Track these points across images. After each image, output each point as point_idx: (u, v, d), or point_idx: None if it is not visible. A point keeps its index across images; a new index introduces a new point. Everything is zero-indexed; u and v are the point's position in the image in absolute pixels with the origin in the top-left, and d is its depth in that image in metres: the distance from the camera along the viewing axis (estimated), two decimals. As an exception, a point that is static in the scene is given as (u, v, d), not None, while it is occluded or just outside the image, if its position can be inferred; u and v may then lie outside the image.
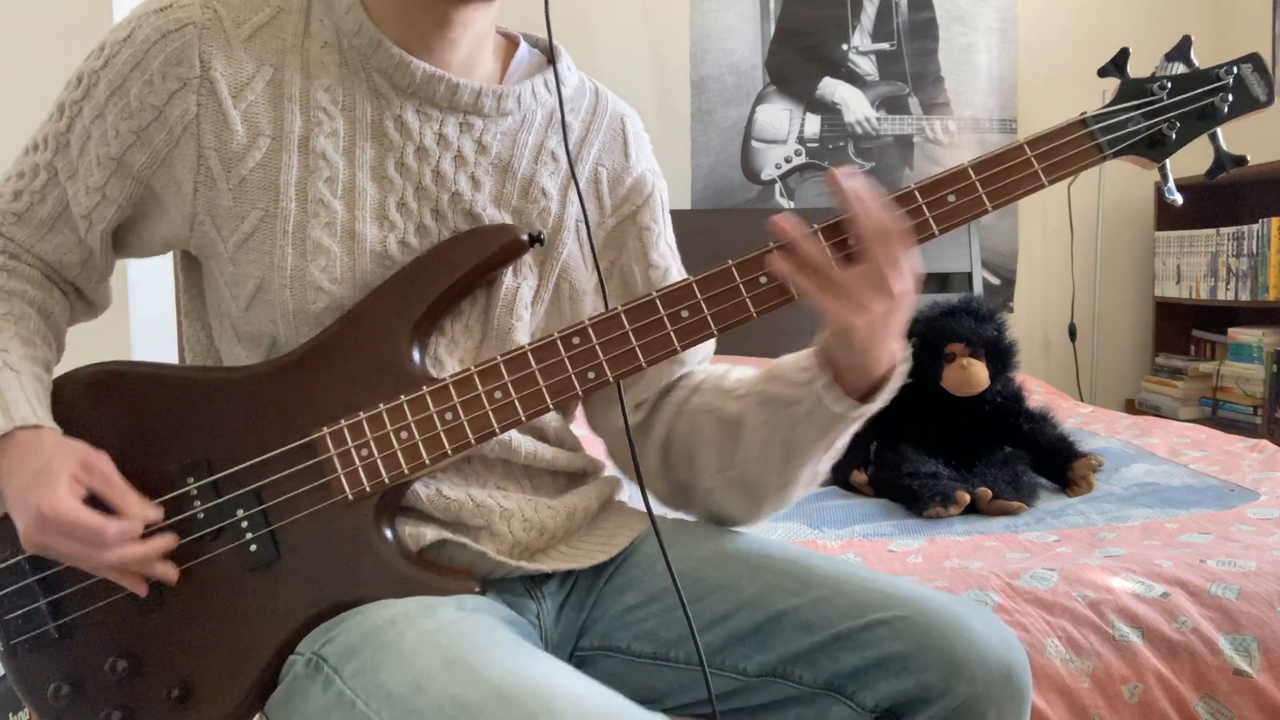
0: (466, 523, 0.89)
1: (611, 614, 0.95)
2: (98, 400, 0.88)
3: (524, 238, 0.90)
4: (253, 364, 0.89)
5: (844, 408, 0.86)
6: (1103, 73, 0.89)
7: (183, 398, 0.88)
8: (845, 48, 3.40)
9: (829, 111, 3.41)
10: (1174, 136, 0.87)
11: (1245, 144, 3.22)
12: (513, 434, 0.92)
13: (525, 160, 0.94)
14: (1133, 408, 3.49)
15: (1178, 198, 0.90)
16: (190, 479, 0.86)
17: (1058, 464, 1.89)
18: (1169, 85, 0.87)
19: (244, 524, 0.85)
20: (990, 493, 1.73)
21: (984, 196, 0.85)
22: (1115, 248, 3.52)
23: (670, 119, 3.39)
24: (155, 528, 0.84)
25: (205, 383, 0.88)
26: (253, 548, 0.85)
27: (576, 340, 0.86)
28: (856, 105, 3.41)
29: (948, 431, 1.90)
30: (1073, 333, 3.48)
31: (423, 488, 0.88)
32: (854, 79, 3.41)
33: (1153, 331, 3.50)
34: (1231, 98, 0.86)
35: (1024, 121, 3.44)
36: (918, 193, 0.85)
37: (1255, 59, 0.87)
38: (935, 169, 2.48)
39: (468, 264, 0.88)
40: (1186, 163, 0.92)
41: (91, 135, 0.88)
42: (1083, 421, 2.53)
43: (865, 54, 3.41)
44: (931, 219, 0.85)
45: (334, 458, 0.85)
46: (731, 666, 0.88)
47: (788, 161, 3.42)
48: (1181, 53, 0.88)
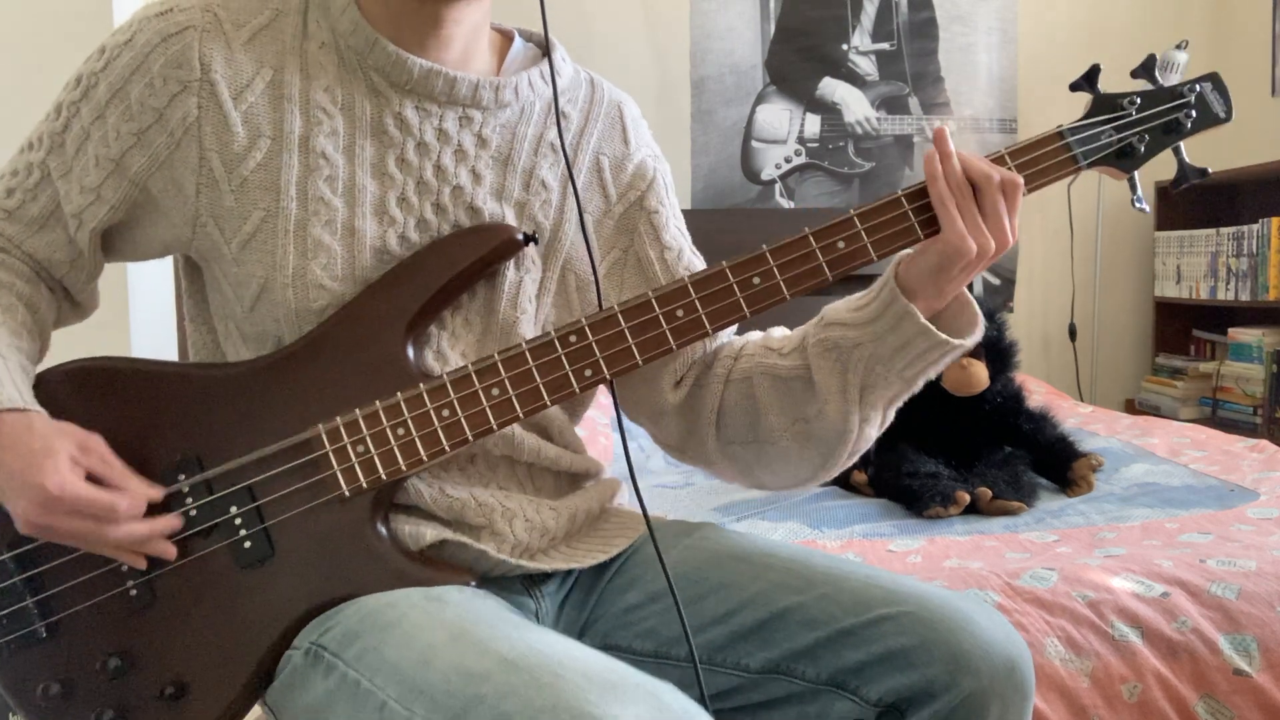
0: (469, 522, 0.89)
1: (613, 613, 0.95)
2: (84, 396, 0.87)
3: (518, 237, 0.90)
4: (245, 360, 0.89)
5: (921, 321, 0.88)
6: (1074, 87, 0.94)
7: (173, 393, 0.87)
8: (845, 48, 3.40)
9: (829, 111, 3.41)
10: (1142, 150, 0.93)
11: (1245, 144, 3.21)
12: (517, 431, 0.92)
13: (525, 153, 0.94)
14: (1133, 408, 3.49)
15: (1145, 208, 0.95)
16: (182, 476, 0.85)
17: (1058, 464, 1.89)
18: (1138, 101, 0.92)
19: (237, 521, 0.85)
20: (990, 493, 1.73)
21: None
22: (1115, 248, 3.52)
23: (670, 119, 3.39)
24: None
25: (196, 378, 0.88)
26: (247, 544, 0.85)
27: (574, 339, 0.87)
28: (856, 105, 3.41)
29: (948, 431, 1.89)
30: (1073, 333, 3.48)
31: (425, 486, 0.88)
32: (854, 79, 3.41)
33: (1153, 331, 3.50)
34: (1194, 114, 0.93)
35: (1024, 121, 3.44)
36: (905, 199, 0.88)
37: (1214, 78, 0.93)
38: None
39: (463, 262, 0.88)
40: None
41: (90, 136, 0.88)
42: (1083, 421, 2.53)
43: (865, 54, 3.41)
44: (917, 224, 0.88)
45: (330, 454, 0.85)
46: (734, 664, 0.88)
47: (788, 161, 3.42)
48: (1147, 70, 0.94)
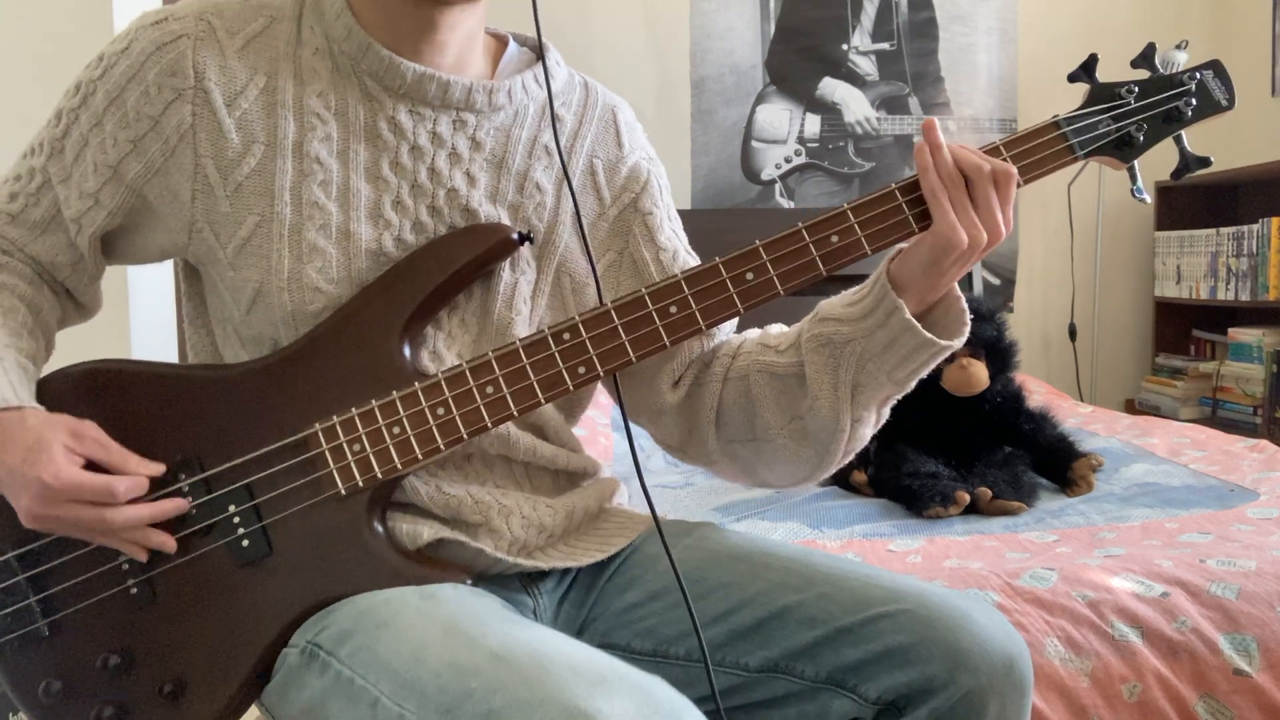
0: (465, 519, 0.90)
1: (612, 612, 0.95)
2: (86, 398, 0.88)
3: (513, 236, 0.91)
4: (243, 361, 0.90)
5: (906, 317, 0.87)
6: (1072, 78, 0.93)
7: (172, 395, 0.88)
8: (845, 48, 3.40)
9: (829, 111, 3.41)
10: (1141, 139, 0.91)
11: (1245, 144, 3.21)
12: (511, 430, 0.93)
13: (519, 155, 0.94)
14: (1133, 408, 3.49)
15: (1146, 198, 0.94)
16: (182, 476, 0.86)
17: (1058, 464, 1.88)
18: (1135, 90, 0.91)
19: (236, 519, 0.85)
20: (990, 493, 1.72)
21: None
22: (1115, 248, 3.52)
23: (670, 119, 3.39)
24: (157, 495, 0.85)
25: (195, 380, 0.89)
26: (245, 543, 0.85)
27: (567, 336, 0.87)
28: (856, 105, 3.41)
29: (948, 431, 1.89)
30: (1073, 333, 3.48)
31: (422, 484, 0.89)
32: (854, 79, 3.41)
33: (1153, 331, 3.50)
34: (1195, 102, 0.91)
35: (1024, 121, 3.43)
36: (898, 191, 0.87)
37: (1216, 65, 0.92)
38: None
39: (458, 262, 0.89)
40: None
41: (88, 142, 0.89)
42: (1083, 421, 2.53)
43: (865, 54, 3.41)
44: (911, 216, 0.88)
45: (326, 453, 0.85)
46: (733, 662, 0.88)
47: (788, 161, 3.42)
48: (1146, 58, 0.93)
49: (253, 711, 0.87)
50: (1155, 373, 3.47)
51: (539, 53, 0.98)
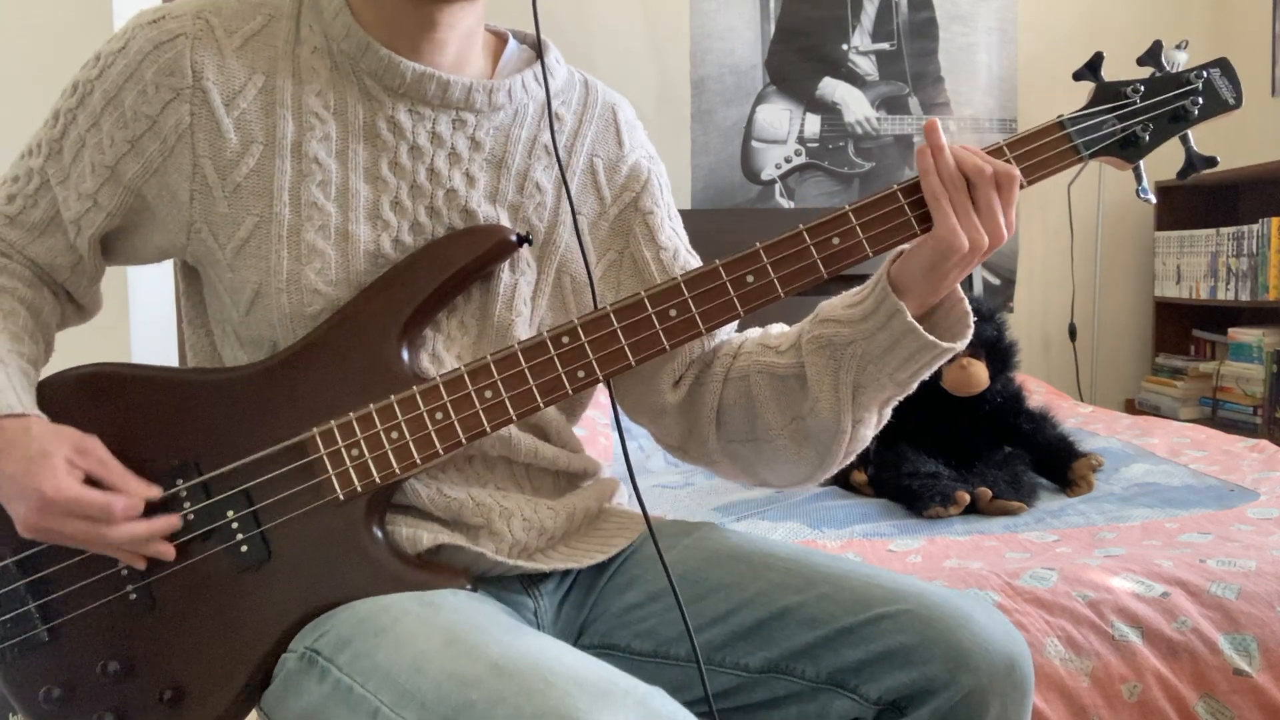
0: (467, 522, 0.89)
1: (612, 612, 0.95)
2: (85, 401, 0.88)
3: (512, 238, 0.90)
4: (241, 365, 0.90)
5: (908, 320, 0.87)
6: (1077, 76, 0.91)
7: (171, 399, 0.88)
8: (845, 48, 3.40)
9: (829, 111, 3.41)
10: (1147, 138, 0.90)
11: (1245, 144, 3.21)
12: (514, 431, 0.92)
13: (519, 155, 0.94)
14: (1133, 408, 3.49)
15: (1151, 198, 0.93)
16: (180, 480, 0.86)
17: (1058, 464, 1.88)
18: (1141, 89, 0.90)
19: (234, 525, 0.85)
20: (990, 493, 1.72)
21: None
22: (1115, 248, 3.52)
23: (670, 119, 3.39)
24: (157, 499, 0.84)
25: (193, 384, 0.88)
26: (244, 548, 0.85)
27: (566, 339, 0.87)
28: (856, 105, 3.41)
29: (948, 431, 1.89)
30: (1073, 333, 3.48)
31: (423, 487, 0.88)
32: (854, 79, 3.40)
33: (1153, 331, 3.50)
34: (1202, 101, 0.89)
35: (1024, 121, 3.43)
36: (900, 193, 0.87)
37: (1223, 63, 0.90)
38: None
39: (457, 264, 0.88)
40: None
41: (86, 143, 0.88)
42: (1083, 421, 2.53)
43: (865, 54, 3.40)
44: (913, 218, 0.87)
45: (324, 458, 0.85)
46: (733, 663, 0.88)
47: (788, 161, 3.42)
48: (1153, 56, 0.91)
49: (251, 715, 0.87)
50: (1155, 373, 3.47)
51: (539, 51, 0.97)
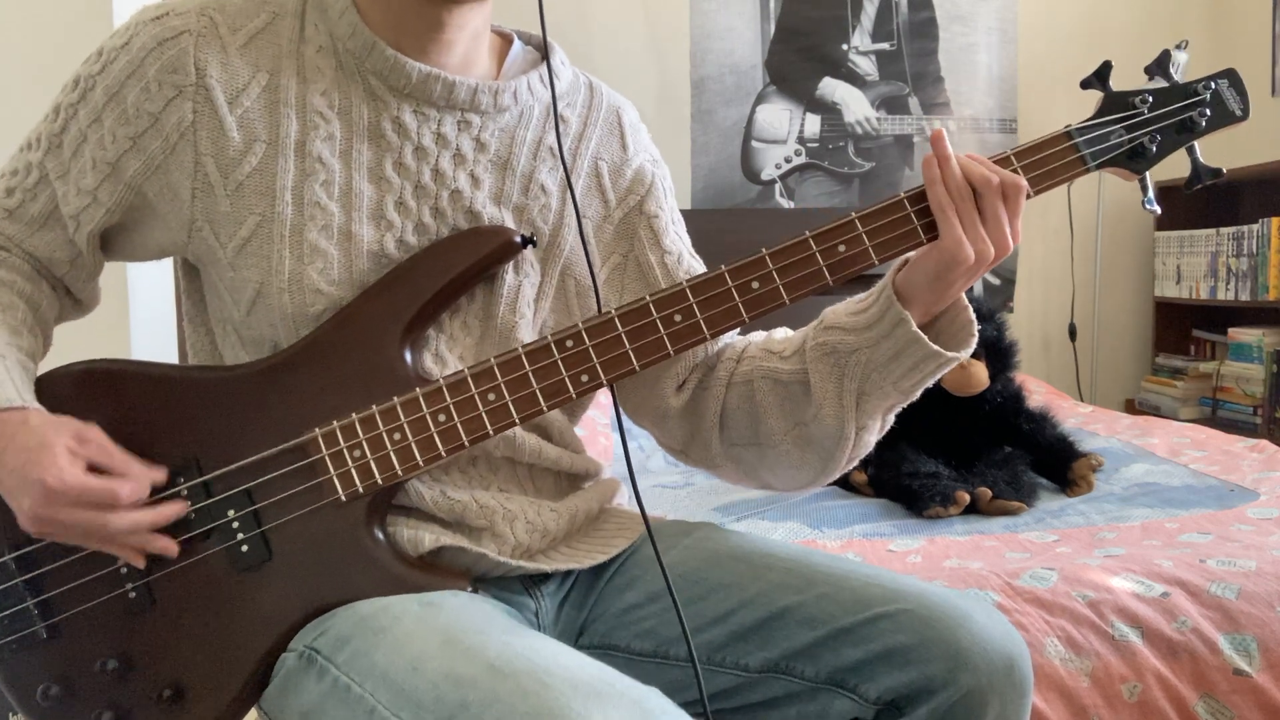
0: (470, 524, 0.89)
1: (612, 613, 0.95)
2: (84, 397, 0.87)
3: (517, 239, 0.90)
4: (242, 363, 0.89)
5: (913, 329, 0.87)
6: (1085, 85, 0.91)
7: (172, 397, 0.87)
8: (845, 48, 3.40)
9: (829, 111, 3.41)
10: (1154, 150, 0.89)
11: (1245, 143, 3.21)
12: (518, 432, 0.92)
13: (524, 157, 0.94)
14: (1133, 408, 3.49)
15: (1156, 209, 0.92)
16: (180, 479, 0.85)
17: (1058, 464, 1.89)
18: (1150, 99, 0.89)
19: (235, 525, 0.85)
20: (990, 493, 1.73)
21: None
22: (1115, 248, 3.52)
23: (670, 119, 3.39)
24: (157, 498, 0.84)
25: (194, 382, 0.88)
26: (244, 548, 0.85)
27: (570, 343, 0.87)
28: (856, 105, 3.41)
29: (948, 431, 1.89)
30: (1073, 333, 3.48)
31: (426, 489, 0.88)
32: (854, 79, 3.41)
33: (1153, 331, 3.50)
34: (1209, 112, 0.89)
35: (1024, 121, 3.43)
36: (906, 201, 0.87)
37: (1231, 74, 0.90)
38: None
39: (461, 265, 0.88)
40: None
41: (87, 139, 0.88)
42: (1083, 421, 2.53)
43: (865, 54, 3.40)
44: (919, 226, 0.87)
45: (326, 458, 0.85)
46: (733, 663, 0.88)
47: (788, 161, 3.42)
48: (1161, 66, 0.91)
49: (251, 715, 0.87)
50: (1155, 373, 3.47)
51: (544, 52, 0.97)
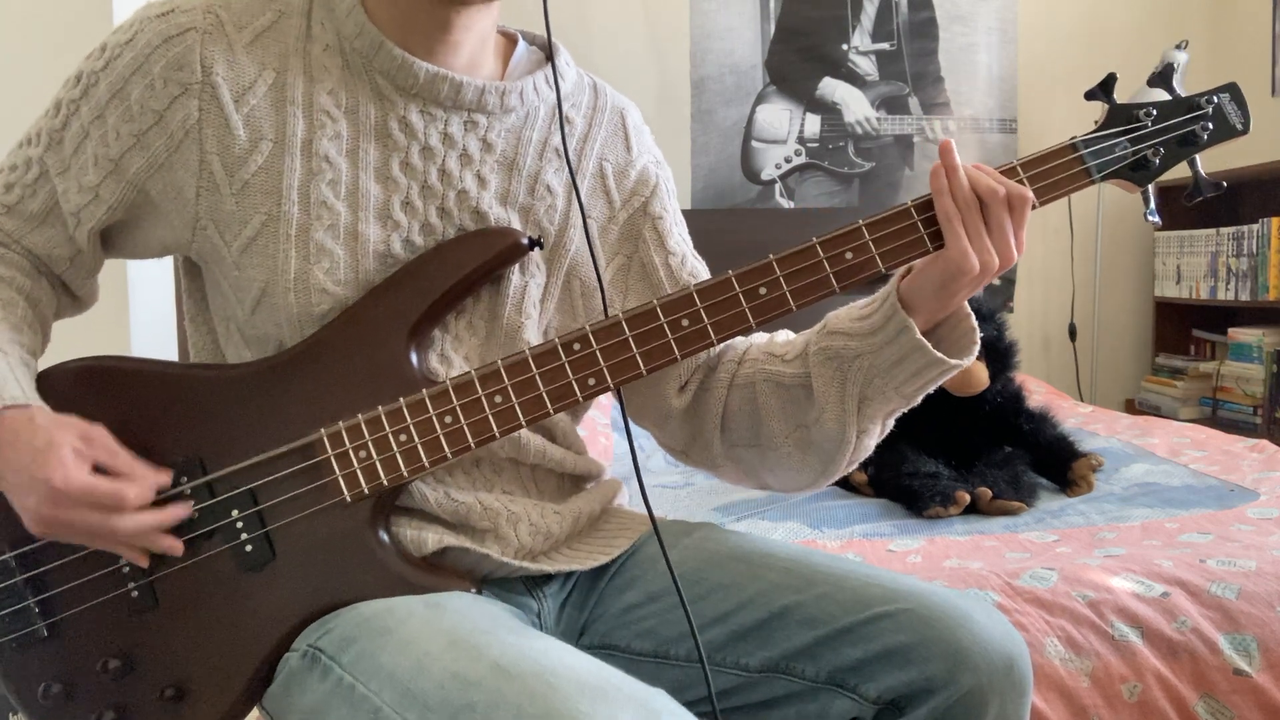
0: (474, 526, 0.89)
1: (612, 613, 0.95)
2: (86, 394, 0.87)
3: (523, 241, 0.90)
4: (246, 362, 0.89)
5: (917, 337, 0.87)
6: (1089, 96, 0.92)
7: (174, 395, 0.87)
8: (845, 48, 3.40)
9: (829, 111, 3.41)
10: (1157, 162, 0.90)
11: (1244, 143, 3.21)
12: (523, 433, 0.92)
13: (530, 157, 0.94)
14: (1133, 408, 3.49)
15: (1158, 220, 0.93)
16: (184, 479, 0.85)
17: (1058, 464, 1.89)
18: (1154, 112, 0.90)
19: (239, 524, 0.85)
20: (990, 493, 1.73)
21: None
22: (1115, 248, 3.52)
23: (670, 119, 3.39)
24: (162, 498, 0.84)
25: (197, 379, 0.88)
26: (248, 548, 0.85)
27: (577, 346, 0.87)
28: (856, 105, 3.41)
29: (948, 431, 1.90)
30: (1073, 333, 3.48)
31: (430, 490, 0.88)
32: (854, 79, 3.41)
33: (1153, 331, 3.50)
34: (1211, 126, 0.91)
35: (1024, 122, 3.44)
36: (914, 209, 0.87)
37: (1233, 89, 0.91)
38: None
39: (467, 267, 0.88)
40: (1183, 166, 0.93)
41: (90, 135, 0.87)
42: (1083, 421, 2.53)
43: (865, 54, 3.41)
44: (925, 235, 0.88)
45: (332, 459, 0.85)
46: (733, 663, 0.88)
47: (788, 161, 3.42)
48: (1165, 78, 0.92)
49: (253, 715, 0.87)
50: (1155, 373, 3.47)
51: (549, 53, 0.97)
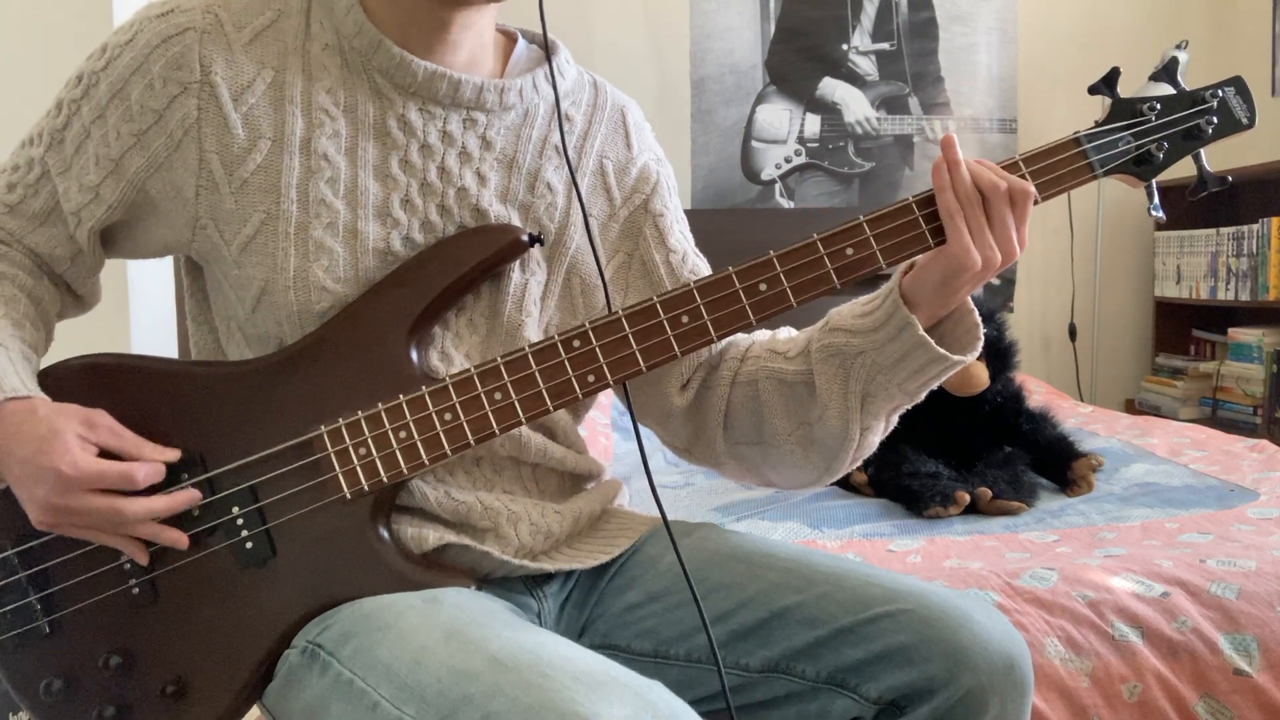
0: (474, 525, 0.90)
1: (613, 613, 0.95)
2: (87, 391, 0.87)
3: (524, 238, 0.90)
4: (247, 359, 0.89)
5: (919, 334, 0.87)
6: (1093, 90, 0.91)
7: (175, 391, 0.87)
8: (845, 48, 3.40)
9: (829, 111, 3.41)
10: (1161, 157, 0.90)
11: (1245, 143, 3.21)
12: (524, 431, 0.92)
13: (530, 155, 0.94)
14: (1133, 408, 3.49)
15: (1162, 215, 0.93)
16: (185, 475, 0.85)
17: (1057, 464, 1.89)
18: (1158, 106, 0.90)
19: (239, 521, 0.85)
20: (990, 493, 1.73)
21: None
22: (1115, 248, 3.52)
23: (670, 119, 3.39)
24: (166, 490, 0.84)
25: (197, 376, 0.88)
26: (248, 545, 0.85)
27: (577, 343, 0.87)
28: (856, 105, 3.41)
29: (948, 431, 1.90)
30: (1073, 333, 3.48)
31: (430, 489, 0.88)
32: (854, 79, 3.41)
33: (1153, 331, 3.50)
34: (1216, 120, 0.90)
35: (1024, 122, 3.44)
36: (915, 205, 0.87)
37: (1238, 82, 0.91)
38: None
39: (467, 264, 0.88)
40: (1184, 165, 0.93)
41: (90, 135, 0.88)
42: (1083, 421, 2.53)
43: (865, 54, 3.41)
44: (927, 231, 0.87)
45: (332, 456, 0.85)
46: (734, 663, 0.88)
47: (788, 161, 3.42)
48: (1169, 72, 0.92)
49: (253, 712, 0.87)
50: (1155, 373, 3.47)
51: (547, 51, 0.98)
